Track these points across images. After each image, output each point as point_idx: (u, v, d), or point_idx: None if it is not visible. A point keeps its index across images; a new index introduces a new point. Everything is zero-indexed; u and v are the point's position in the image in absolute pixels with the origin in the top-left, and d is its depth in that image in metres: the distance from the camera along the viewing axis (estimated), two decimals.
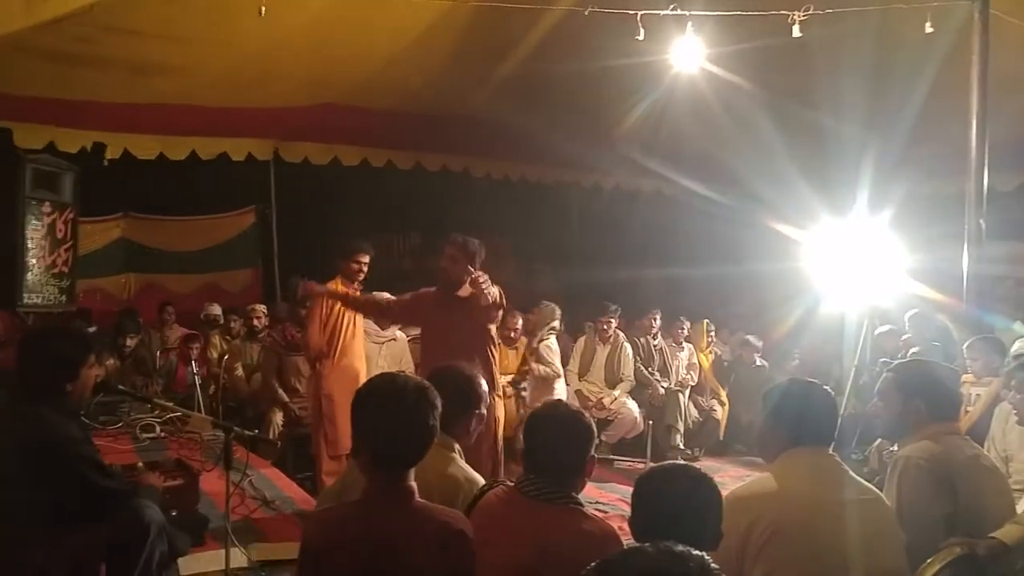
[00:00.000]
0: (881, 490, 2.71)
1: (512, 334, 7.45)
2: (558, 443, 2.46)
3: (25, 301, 4.99)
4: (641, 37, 5.17)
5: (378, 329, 6.77)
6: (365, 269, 5.74)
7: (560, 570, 2.24)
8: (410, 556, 2.08)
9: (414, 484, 2.18)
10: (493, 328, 4.71)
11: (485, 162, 9.62)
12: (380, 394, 2.20)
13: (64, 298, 5.33)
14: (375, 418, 2.17)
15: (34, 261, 5.05)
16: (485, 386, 3.13)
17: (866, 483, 2.61)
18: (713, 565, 1.30)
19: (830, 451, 2.60)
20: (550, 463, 2.45)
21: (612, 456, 7.64)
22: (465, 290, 4.59)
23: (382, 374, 2.37)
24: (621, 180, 10.46)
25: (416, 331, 7.10)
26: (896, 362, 3.65)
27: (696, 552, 1.30)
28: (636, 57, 5.62)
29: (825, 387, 2.72)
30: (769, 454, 2.67)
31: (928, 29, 5.05)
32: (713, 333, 8.57)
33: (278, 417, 6.46)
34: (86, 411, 4.78)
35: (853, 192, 6.10)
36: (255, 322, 7.58)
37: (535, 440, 2.51)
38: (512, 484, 2.53)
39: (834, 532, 2.36)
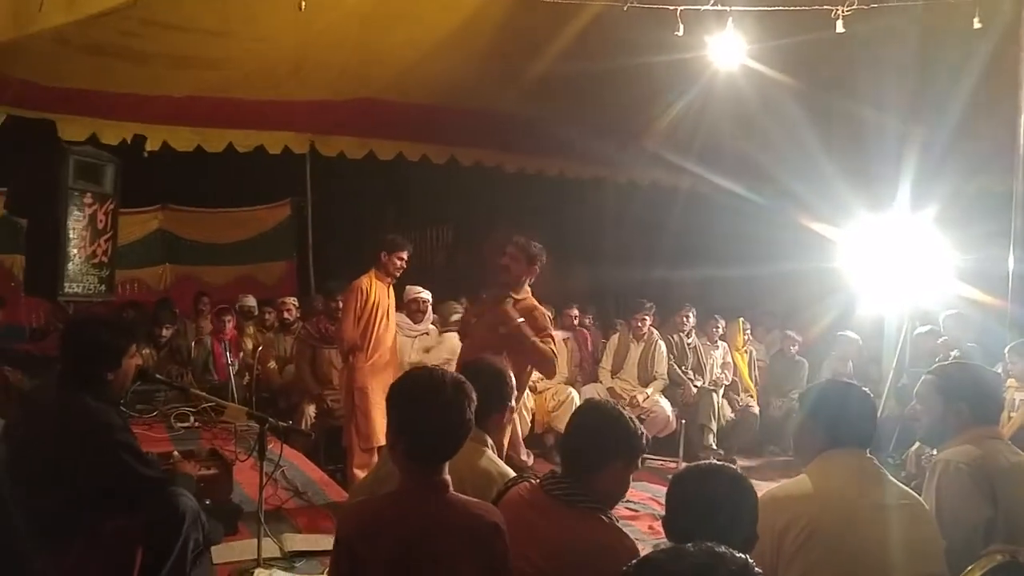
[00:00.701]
0: (919, 494, 2.66)
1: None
2: (578, 438, 2.46)
3: (66, 290, 5.05)
4: (680, 33, 5.11)
5: (411, 323, 6.79)
6: (404, 266, 5.78)
7: (569, 574, 2.24)
8: (445, 548, 2.08)
9: (448, 477, 2.18)
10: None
11: (519, 157, 9.60)
12: (418, 388, 2.20)
13: (103, 288, 5.39)
14: (412, 412, 2.16)
15: (75, 251, 5.10)
16: (514, 380, 3.16)
17: (905, 487, 2.57)
18: (757, 569, 1.29)
19: (868, 454, 2.55)
20: (568, 458, 2.45)
21: (644, 455, 7.60)
22: (522, 291, 4.70)
23: (419, 368, 2.37)
24: (658, 177, 10.39)
25: (450, 323, 7.21)
26: (936, 365, 3.57)
27: (739, 554, 1.30)
28: (675, 53, 5.57)
29: (863, 388, 2.68)
30: (805, 455, 2.63)
31: (976, 24, 4.94)
32: (749, 331, 8.48)
33: (311, 409, 6.49)
34: (124, 399, 4.84)
35: (894, 190, 5.99)
36: (285, 315, 7.63)
37: (564, 433, 2.53)
38: (538, 480, 2.52)
39: (871, 535, 2.33)
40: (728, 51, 5.38)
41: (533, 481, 2.55)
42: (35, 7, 4.22)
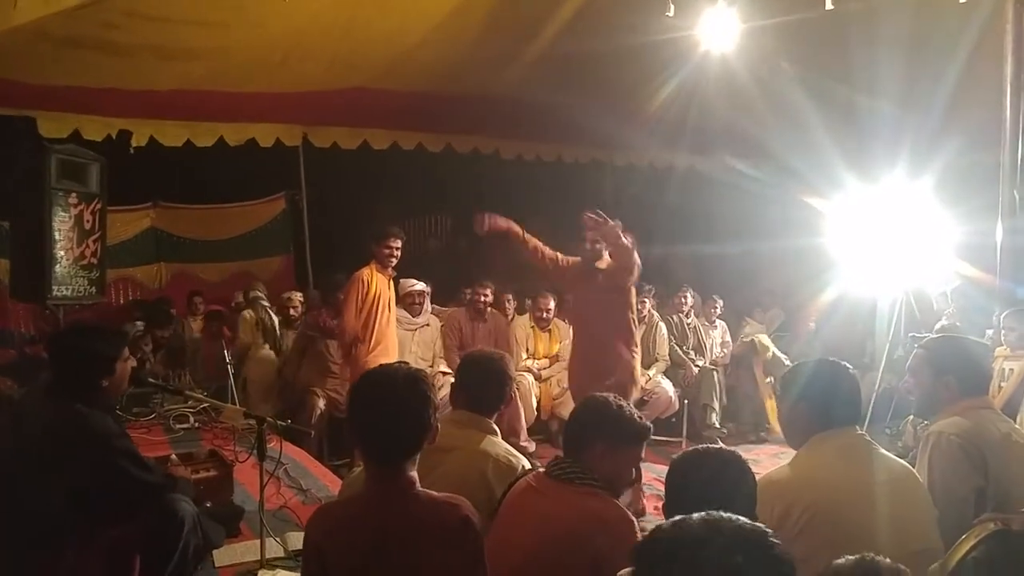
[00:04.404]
0: (915, 465, 2.77)
1: (544, 315, 7.37)
2: (568, 423, 2.58)
3: (55, 294, 4.94)
4: (671, 14, 5.06)
5: (409, 316, 6.73)
6: (397, 253, 5.71)
7: (573, 550, 2.28)
8: (413, 548, 2.06)
9: (414, 474, 2.15)
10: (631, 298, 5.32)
11: (516, 143, 9.52)
12: (370, 387, 2.19)
13: (94, 290, 5.28)
14: (364, 411, 2.16)
15: (62, 253, 4.99)
16: (514, 369, 3.26)
17: (897, 459, 2.62)
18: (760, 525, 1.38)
19: (858, 430, 2.61)
20: (563, 441, 2.55)
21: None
22: (604, 261, 5.25)
23: (377, 367, 2.36)
24: (654, 158, 10.31)
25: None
26: (926, 337, 3.57)
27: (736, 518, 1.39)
28: (669, 33, 5.51)
29: (847, 366, 2.71)
30: (796, 438, 2.67)
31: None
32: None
33: (320, 402, 6.40)
34: (119, 403, 4.75)
35: (889, 167, 6.06)
36: (291, 311, 7.47)
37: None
38: (544, 468, 2.59)
39: (869, 516, 2.37)
40: (720, 31, 5.33)
41: (541, 469, 2.62)
42: (10, 2, 4.11)
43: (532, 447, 6.69)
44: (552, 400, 7.25)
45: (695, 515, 1.39)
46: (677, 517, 1.43)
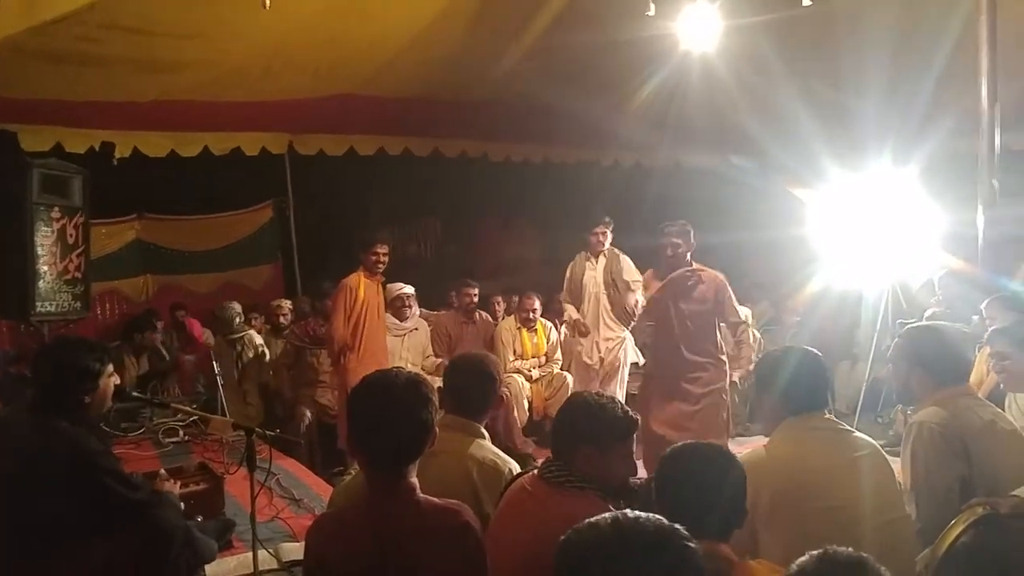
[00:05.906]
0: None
1: (530, 315, 7.35)
2: (554, 424, 2.57)
3: (38, 309, 4.91)
4: (652, 13, 5.07)
5: (397, 321, 6.70)
6: (384, 260, 5.71)
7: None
8: (414, 554, 2.04)
9: (415, 480, 2.13)
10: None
11: (504, 146, 9.48)
12: (370, 391, 2.15)
13: (79, 305, 5.24)
14: (366, 415, 2.12)
15: (45, 268, 4.96)
16: (501, 370, 3.26)
17: (864, 438, 2.71)
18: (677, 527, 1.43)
19: (826, 415, 2.73)
20: (551, 444, 2.52)
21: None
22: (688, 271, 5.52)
23: (376, 372, 2.31)
24: (641, 156, 10.32)
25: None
26: (907, 326, 3.57)
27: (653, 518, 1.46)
28: (651, 31, 5.51)
29: (815, 352, 2.80)
30: (768, 424, 2.82)
31: None
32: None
33: (308, 411, 6.37)
34: (106, 419, 4.71)
35: (875, 154, 6.10)
36: (280, 319, 7.45)
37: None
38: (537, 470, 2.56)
39: (836, 494, 2.50)
40: (702, 28, 5.33)
41: (535, 471, 2.58)
42: None
43: (529, 448, 6.69)
44: (544, 400, 7.23)
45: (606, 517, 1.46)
46: (590, 520, 1.50)
